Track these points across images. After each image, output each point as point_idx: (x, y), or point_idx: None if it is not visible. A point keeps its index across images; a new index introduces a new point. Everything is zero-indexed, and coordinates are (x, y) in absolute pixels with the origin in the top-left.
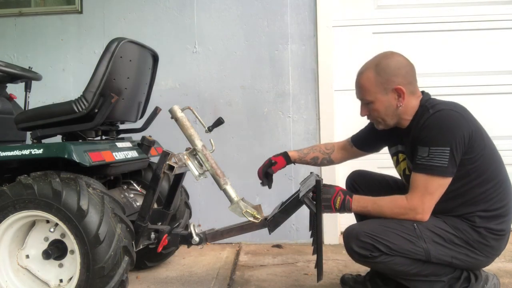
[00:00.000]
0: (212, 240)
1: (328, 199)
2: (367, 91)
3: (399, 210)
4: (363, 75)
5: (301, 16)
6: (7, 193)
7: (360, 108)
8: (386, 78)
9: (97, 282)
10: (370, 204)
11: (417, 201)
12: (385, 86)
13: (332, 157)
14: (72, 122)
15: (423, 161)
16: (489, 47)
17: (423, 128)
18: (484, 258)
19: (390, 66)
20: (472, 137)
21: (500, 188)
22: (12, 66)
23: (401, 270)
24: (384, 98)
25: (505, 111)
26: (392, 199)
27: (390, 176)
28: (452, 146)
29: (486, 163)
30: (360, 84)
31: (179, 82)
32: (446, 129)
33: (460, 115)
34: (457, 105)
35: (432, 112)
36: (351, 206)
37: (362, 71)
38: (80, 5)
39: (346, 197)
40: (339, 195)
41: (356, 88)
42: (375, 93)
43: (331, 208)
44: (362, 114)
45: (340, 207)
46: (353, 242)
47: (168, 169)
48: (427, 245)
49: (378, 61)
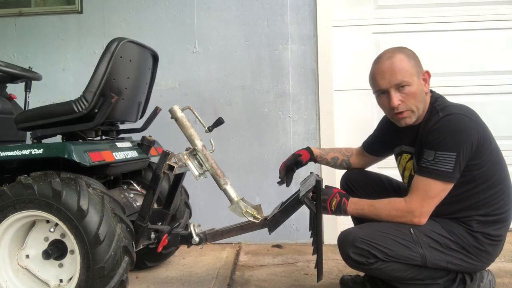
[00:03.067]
0: (212, 240)
1: (325, 200)
2: (405, 72)
3: (396, 213)
4: (396, 58)
5: (301, 16)
6: (7, 193)
7: (391, 97)
8: (416, 62)
9: (97, 282)
10: (366, 207)
11: (416, 204)
12: (417, 69)
13: (351, 160)
14: (72, 122)
15: (428, 164)
16: (489, 47)
17: (432, 131)
18: (479, 264)
19: (412, 52)
20: (480, 142)
21: (504, 194)
22: (12, 66)
23: (397, 276)
24: (419, 81)
25: (505, 111)
26: (390, 201)
27: (386, 177)
28: (459, 151)
29: (493, 169)
30: (394, 67)
31: (179, 82)
32: (454, 134)
33: (470, 120)
34: (466, 109)
35: (442, 115)
36: (347, 209)
37: (391, 55)
38: (80, 5)
39: (343, 199)
40: (336, 197)
41: (387, 73)
42: (412, 74)
43: (327, 209)
44: (395, 103)
45: (336, 209)
46: (349, 249)
47: (168, 169)
48: (423, 250)
49: (399, 49)
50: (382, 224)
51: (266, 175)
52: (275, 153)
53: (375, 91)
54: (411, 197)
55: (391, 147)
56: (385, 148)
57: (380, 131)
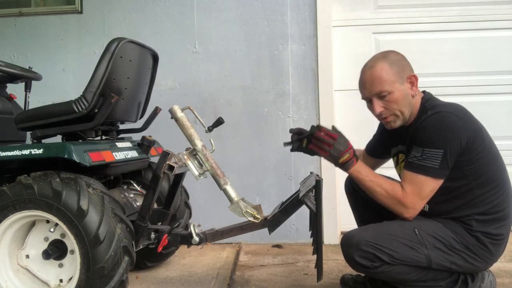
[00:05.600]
0: (212, 240)
1: (338, 150)
2: (385, 82)
3: (392, 200)
4: (376, 67)
5: (301, 16)
6: (7, 193)
7: (373, 105)
8: (400, 67)
9: (97, 282)
10: (370, 176)
11: (411, 200)
12: (400, 74)
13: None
14: (72, 122)
15: (415, 159)
16: (489, 47)
17: (420, 128)
18: (482, 264)
19: (397, 57)
20: (470, 140)
21: (500, 191)
22: (12, 66)
23: (401, 278)
24: (401, 87)
25: (505, 111)
26: (393, 187)
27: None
28: (446, 149)
29: (485, 166)
30: (375, 77)
31: (179, 82)
32: (442, 131)
33: (458, 118)
34: (456, 107)
35: (430, 113)
36: (351, 167)
37: (372, 64)
38: (80, 5)
39: (353, 158)
40: (349, 153)
41: (368, 83)
42: (393, 82)
43: (336, 158)
44: (377, 110)
45: (344, 162)
46: (354, 252)
47: (168, 169)
48: (428, 251)
49: (383, 55)
50: (386, 225)
51: (266, 175)
52: (275, 153)
53: (362, 98)
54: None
55: (390, 148)
56: (385, 149)
57: (379, 134)
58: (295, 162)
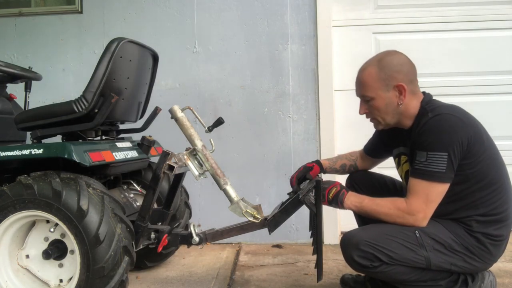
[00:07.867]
0: (212, 240)
1: (324, 189)
2: (369, 87)
3: (396, 212)
4: (365, 71)
5: (301, 16)
6: (7, 193)
7: (359, 106)
8: (389, 74)
9: (97, 282)
10: (366, 200)
11: (417, 207)
12: (387, 82)
13: (357, 163)
14: (72, 122)
15: (421, 166)
16: (489, 47)
17: (422, 132)
18: (482, 264)
19: (392, 62)
20: (471, 142)
21: (501, 193)
22: (12, 66)
23: (400, 279)
24: (385, 95)
25: (505, 111)
26: (392, 200)
27: (390, 178)
28: (449, 151)
29: (487, 168)
30: (361, 80)
31: (179, 82)
32: (444, 134)
33: (458, 119)
34: (457, 109)
35: (430, 116)
36: (344, 200)
37: (364, 67)
38: (80, 5)
39: (342, 190)
40: (336, 187)
41: (357, 85)
42: (377, 89)
43: (324, 197)
44: (360, 112)
45: (333, 198)
46: (353, 252)
47: (168, 169)
48: (428, 253)
49: (381, 57)
50: (386, 226)
51: (266, 175)
52: (275, 153)
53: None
54: (412, 200)
55: (389, 149)
56: (384, 150)
57: (380, 133)
58: (295, 162)
